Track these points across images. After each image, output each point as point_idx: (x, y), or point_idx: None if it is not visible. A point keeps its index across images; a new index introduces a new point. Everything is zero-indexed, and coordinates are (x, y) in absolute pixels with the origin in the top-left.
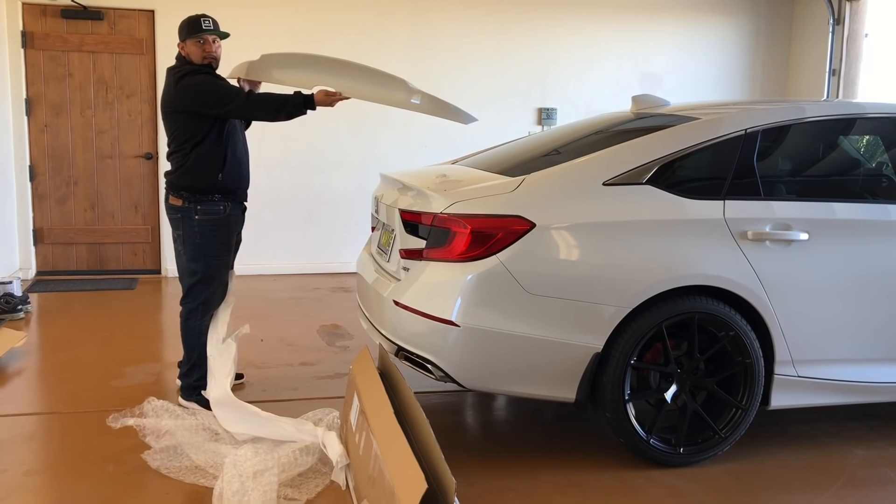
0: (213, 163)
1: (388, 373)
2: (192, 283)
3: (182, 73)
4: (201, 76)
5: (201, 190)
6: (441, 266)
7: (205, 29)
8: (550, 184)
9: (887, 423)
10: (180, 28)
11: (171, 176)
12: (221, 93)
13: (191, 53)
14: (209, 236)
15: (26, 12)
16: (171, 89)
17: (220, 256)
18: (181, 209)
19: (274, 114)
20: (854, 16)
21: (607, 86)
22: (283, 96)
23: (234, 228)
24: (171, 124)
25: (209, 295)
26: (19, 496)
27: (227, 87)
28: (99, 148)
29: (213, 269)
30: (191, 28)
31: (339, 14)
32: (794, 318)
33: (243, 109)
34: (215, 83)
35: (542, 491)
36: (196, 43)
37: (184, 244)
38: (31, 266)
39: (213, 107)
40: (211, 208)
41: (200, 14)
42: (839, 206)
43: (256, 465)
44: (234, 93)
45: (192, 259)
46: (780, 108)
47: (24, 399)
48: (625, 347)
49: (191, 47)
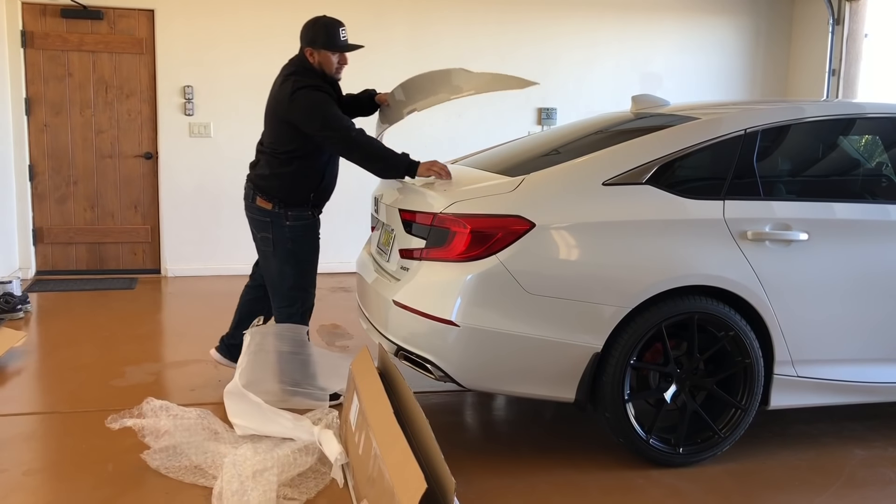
0: (310, 180)
1: (388, 373)
2: (286, 288)
3: (302, 86)
4: (321, 95)
5: (290, 201)
6: (441, 266)
7: (343, 43)
8: (550, 184)
9: (887, 424)
10: (315, 32)
11: (261, 179)
12: (334, 123)
13: (322, 63)
14: (301, 242)
15: (26, 12)
16: (286, 97)
17: (312, 261)
18: (270, 213)
19: (369, 164)
20: (854, 16)
21: (607, 86)
22: (387, 151)
23: (318, 234)
24: (274, 128)
25: (308, 299)
26: (19, 496)
27: (339, 119)
28: (99, 147)
29: (307, 274)
30: (329, 39)
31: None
32: (793, 318)
33: (343, 146)
34: (330, 111)
35: (542, 491)
36: (331, 55)
37: (274, 248)
38: (31, 266)
39: (319, 131)
40: (300, 213)
41: (337, 21)
42: (839, 207)
43: (256, 465)
44: (345, 127)
45: (286, 263)
46: (779, 108)
47: (24, 399)
48: (624, 347)
49: (324, 57)
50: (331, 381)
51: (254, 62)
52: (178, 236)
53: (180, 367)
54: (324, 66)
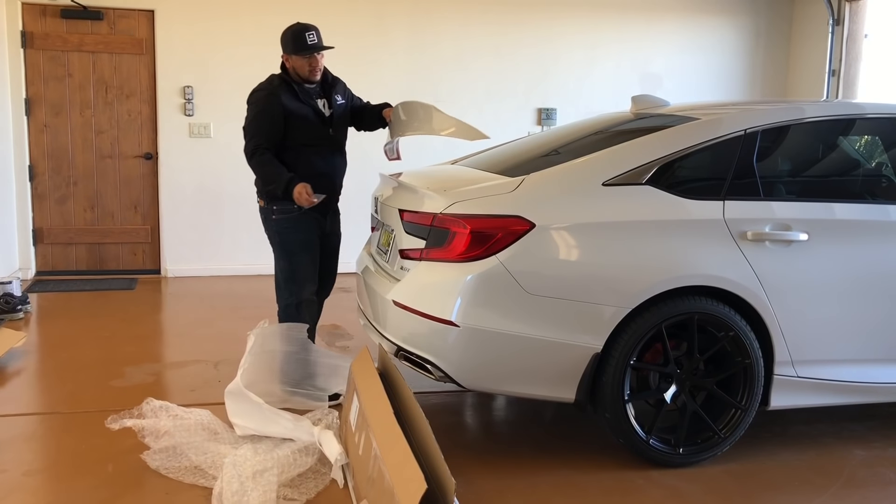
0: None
1: (388, 373)
2: (282, 280)
3: (256, 89)
4: (260, 105)
5: (271, 196)
6: (441, 266)
7: (311, 45)
8: (550, 184)
9: (886, 424)
10: (285, 40)
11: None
12: (251, 130)
13: (296, 67)
14: (287, 234)
15: (26, 12)
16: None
17: (304, 255)
18: (263, 210)
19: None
20: (854, 16)
21: (607, 86)
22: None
23: (313, 228)
24: None
25: (301, 293)
26: (19, 496)
27: (256, 129)
28: (98, 148)
29: (300, 268)
30: (296, 43)
31: (339, 14)
32: (793, 318)
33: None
34: (256, 119)
35: (542, 491)
36: (302, 58)
37: (271, 243)
38: (31, 266)
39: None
40: (285, 207)
41: (305, 26)
42: (839, 207)
43: (256, 466)
44: (254, 142)
45: (280, 257)
46: (779, 109)
47: (24, 399)
48: (624, 348)
49: (296, 61)
50: (330, 382)
51: (254, 63)
52: (178, 237)
53: (180, 368)
54: (297, 70)
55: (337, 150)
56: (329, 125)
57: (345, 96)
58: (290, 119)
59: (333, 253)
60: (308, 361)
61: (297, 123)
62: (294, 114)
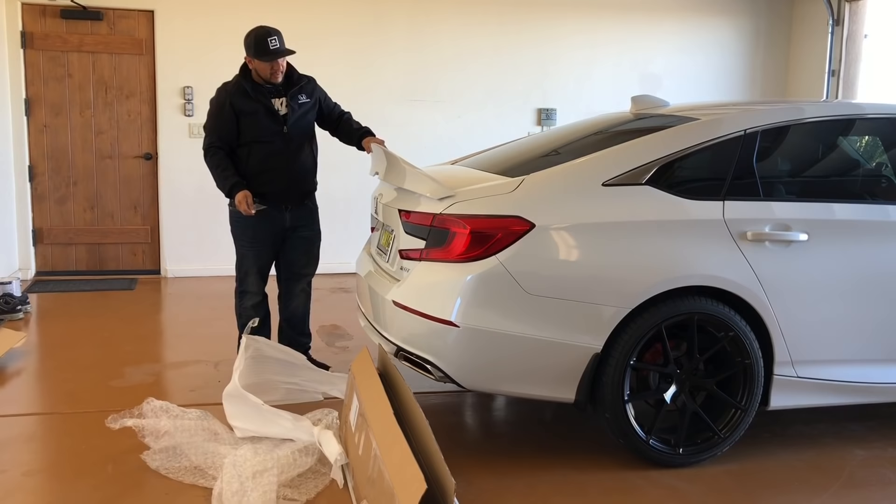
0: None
1: (388, 373)
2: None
3: (219, 88)
4: (213, 106)
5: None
6: (440, 266)
7: (272, 51)
8: (550, 184)
9: (887, 424)
10: (247, 44)
11: None
12: (206, 129)
13: (258, 70)
14: (235, 227)
15: (26, 12)
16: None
17: (247, 246)
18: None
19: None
20: (853, 16)
21: (607, 86)
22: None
23: (267, 223)
24: None
25: (243, 283)
26: (19, 496)
27: (210, 128)
28: (98, 148)
29: (242, 256)
30: (258, 48)
31: (338, 14)
32: (793, 318)
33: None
34: (211, 119)
35: (542, 491)
36: (262, 62)
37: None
38: (31, 266)
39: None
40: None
41: (267, 31)
42: (838, 207)
43: (256, 466)
44: (208, 140)
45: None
46: (779, 109)
47: (24, 399)
48: (624, 348)
49: (258, 64)
50: (325, 388)
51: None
52: (177, 237)
53: (180, 368)
54: (259, 72)
55: (295, 147)
56: (284, 123)
57: (311, 96)
58: (241, 117)
59: (301, 248)
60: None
61: (248, 121)
62: (244, 112)
